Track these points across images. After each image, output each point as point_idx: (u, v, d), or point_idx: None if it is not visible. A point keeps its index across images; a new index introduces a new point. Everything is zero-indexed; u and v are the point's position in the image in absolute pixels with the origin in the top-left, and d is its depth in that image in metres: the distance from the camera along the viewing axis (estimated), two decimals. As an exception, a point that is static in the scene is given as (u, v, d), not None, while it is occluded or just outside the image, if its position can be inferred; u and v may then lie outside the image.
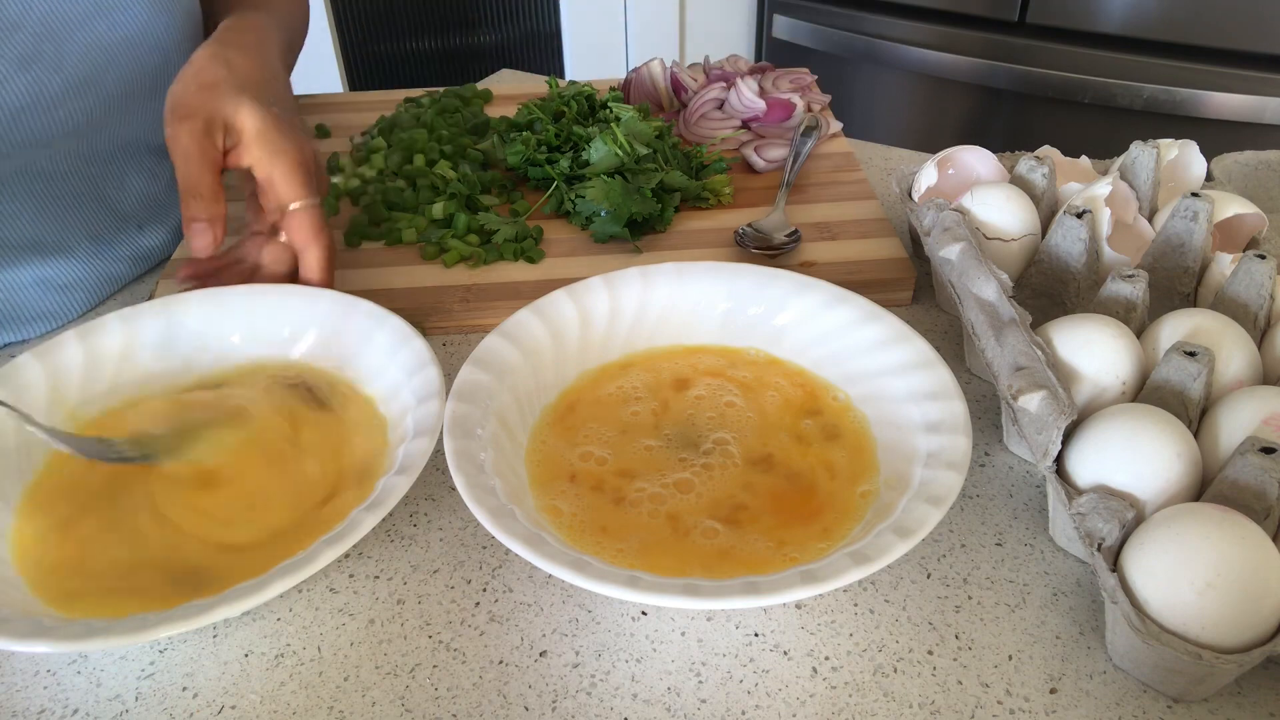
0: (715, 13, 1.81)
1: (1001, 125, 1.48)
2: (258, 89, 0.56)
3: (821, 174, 0.74)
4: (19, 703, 0.40)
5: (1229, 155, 0.67)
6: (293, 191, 0.55)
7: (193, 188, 0.53)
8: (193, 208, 0.53)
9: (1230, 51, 1.26)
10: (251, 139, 0.54)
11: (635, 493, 0.45)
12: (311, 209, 0.56)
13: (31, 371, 0.49)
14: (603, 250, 0.66)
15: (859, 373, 0.50)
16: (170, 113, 0.54)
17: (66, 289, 0.63)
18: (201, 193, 0.53)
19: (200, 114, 0.53)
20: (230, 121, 0.54)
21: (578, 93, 0.79)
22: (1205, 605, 0.36)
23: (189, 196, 0.53)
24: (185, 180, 0.53)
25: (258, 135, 0.54)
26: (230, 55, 0.56)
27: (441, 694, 0.40)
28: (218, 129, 0.54)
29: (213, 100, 0.54)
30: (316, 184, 0.57)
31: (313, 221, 0.56)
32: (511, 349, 0.49)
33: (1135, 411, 0.42)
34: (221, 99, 0.54)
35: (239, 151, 0.55)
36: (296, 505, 0.45)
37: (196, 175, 0.53)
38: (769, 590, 0.35)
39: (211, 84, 0.54)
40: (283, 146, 0.55)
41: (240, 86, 0.55)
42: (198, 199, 0.53)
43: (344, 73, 1.83)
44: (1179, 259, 0.54)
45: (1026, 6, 1.37)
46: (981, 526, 0.47)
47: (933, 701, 0.39)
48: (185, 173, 0.53)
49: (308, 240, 0.56)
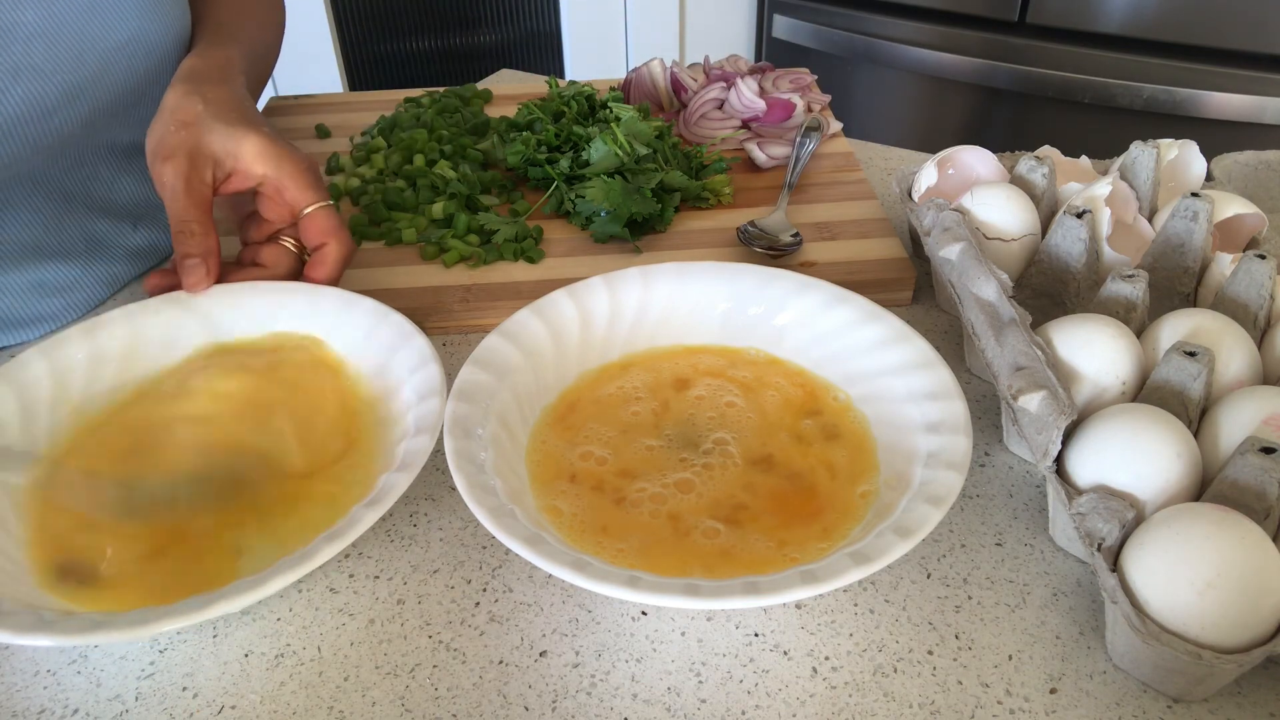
0: (715, 13, 1.81)
1: (1001, 125, 1.48)
2: (240, 114, 0.56)
3: (822, 174, 0.74)
4: (19, 703, 0.40)
5: (1229, 155, 0.67)
6: (306, 195, 0.56)
7: (184, 225, 0.53)
8: (185, 244, 0.53)
9: (1230, 51, 1.26)
10: (253, 156, 0.55)
11: (636, 493, 0.45)
12: (328, 208, 0.56)
13: (36, 368, 0.49)
14: (603, 250, 0.66)
15: (859, 373, 0.50)
16: (153, 155, 0.54)
17: (65, 291, 0.63)
18: (193, 230, 0.53)
19: (183, 151, 0.53)
20: (220, 149, 0.54)
21: (578, 93, 0.79)
22: (1205, 605, 0.36)
23: (180, 234, 0.53)
24: (175, 218, 0.53)
25: (259, 151, 0.55)
26: (203, 90, 0.56)
27: (441, 694, 0.40)
28: (205, 164, 0.54)
29: (195, 135, 0.54)
30: (324, 188, 0.57)
31: (331, 219, 0.56)
32: (512, 349, 0.49)
33: (1135, 411, 0.42)
34: (206, 132, 0.54)
35: (239, 175, 0.55)
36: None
37: (185, 212, 0.53)
38: (769, 590, 0.35)
39: (190, 120, 0.54)
40: (287, 154, 0.55)
41: (221, 116, 0.55)
42: (190, 236, 0.53)
43: (344, 73, 1.83)
44: (1179, 259, 0.54)
45: (1026, 6, 1.37)
46: (981, 526, 0.47)
47: (933, 701, 0.39)
48: (175, 210, 0.53)
49: (328, 234, 0.56)
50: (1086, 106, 1.36)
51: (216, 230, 0.55)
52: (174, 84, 0.57)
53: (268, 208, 0.57)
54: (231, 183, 0.56)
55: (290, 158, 0.55)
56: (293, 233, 0.58)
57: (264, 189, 0.56)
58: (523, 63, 1.95)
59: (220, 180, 0.55)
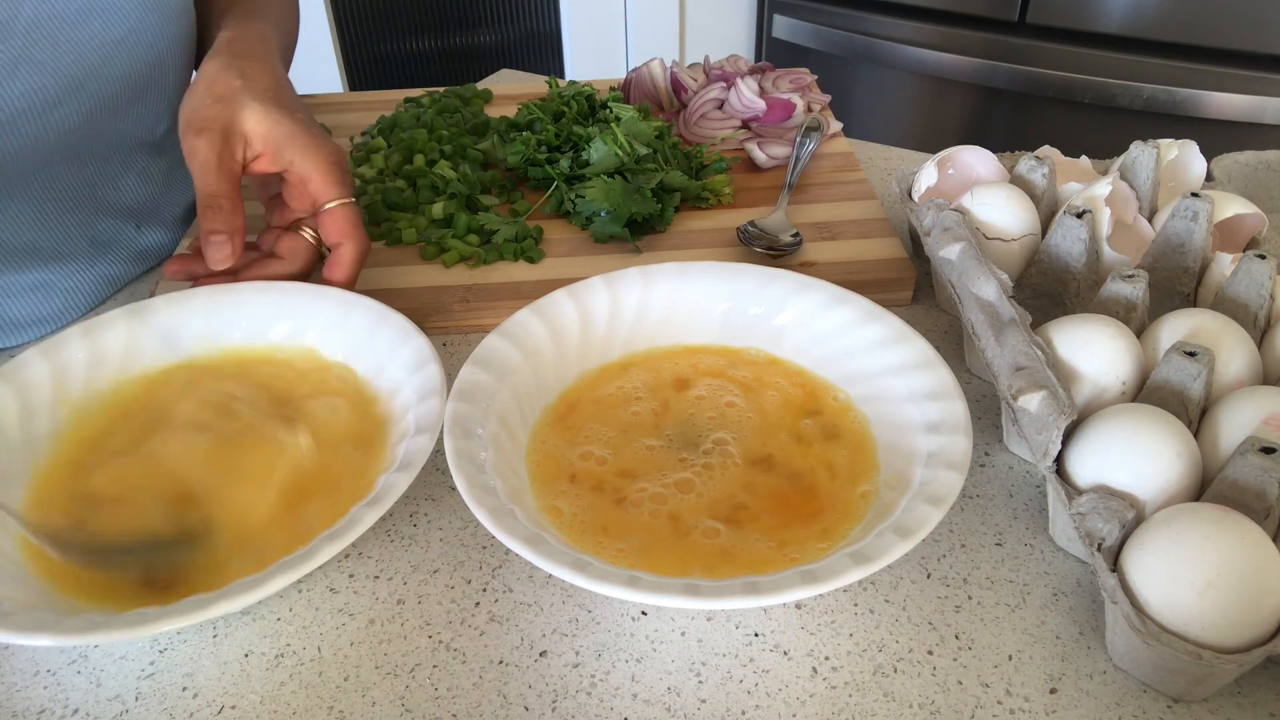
0: (715, 13, 1.81)
1: (1001, 125, 1.48)
2: (275, 95, 0.55)
3: (822, 174, 0.74)
4: (19, 703, 0.40)
5: (1229, 155, 0.67)
6: (330, 190, 0.55)
7: (212, 200, 0.52)
8: (211, 220, 0.53)
9: (1230, 51, 1.26)
10: (283, 142, 0.54)
11: (636, 493, 0.45)
12: (350, 206, 0.56)
13: (36, 368, 0.49)
14: (603, 250, 0.66)
15: (859, 373, 0.50)
16: (186, 126, 0.53)
17: (66, 292, 0.63)
18: (221, 205, 0.53)
19: (217, 125, 0.53)
20: (253, 129, 0.54)
21: (578, 93, 0.79)
22: (1205, 605, 0.36)
23: (207, 209, 0.53)
24: (204, 193, 0.53)
25: (289, 137, 0.54)
26: (243, 65, 0.56)
27: (441, 694, 0.40)
28: (237, 140, 0.54)
29: (230, 110, 0.54)
30: (349, 184, 0.57)
31: (351, 217, 0.56)
32: (512, 349, 0.49)
33: (1135, 411, 0.42)
34: (241, 108, 0.54)
35: (268, 157, 0.55)
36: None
37: (215, 187, 0.52)
38: (769, 590, 0.35)
39: (228, 95, 0.54)
40: (317, 145, 0.55)
41: (258, 94, 0.54)
42: (217, 211, 0.53)
43: (344, 73, 1.83)
44: (1179, 259, 0.54)
45: (1026, 6, 1.37)
46: (981, 526, 0.47)
47: (933, 701, 0.39)
48: (204, 185, 0.53)
49: (345, 234, 0.56)
50: (1086, 106, 1.36)
51: (243, 208, 0.54)
52: (212, 55, 0.57)
53: (292, 195, 0.57)
54: (260, 164, 0.55)
55: (320, 149, 0.55)
56: (314, 223, 0.58)
57: (289, 176, 0.56)
58: (523, 63, 1.95)
59: (250, 159, 0.55)
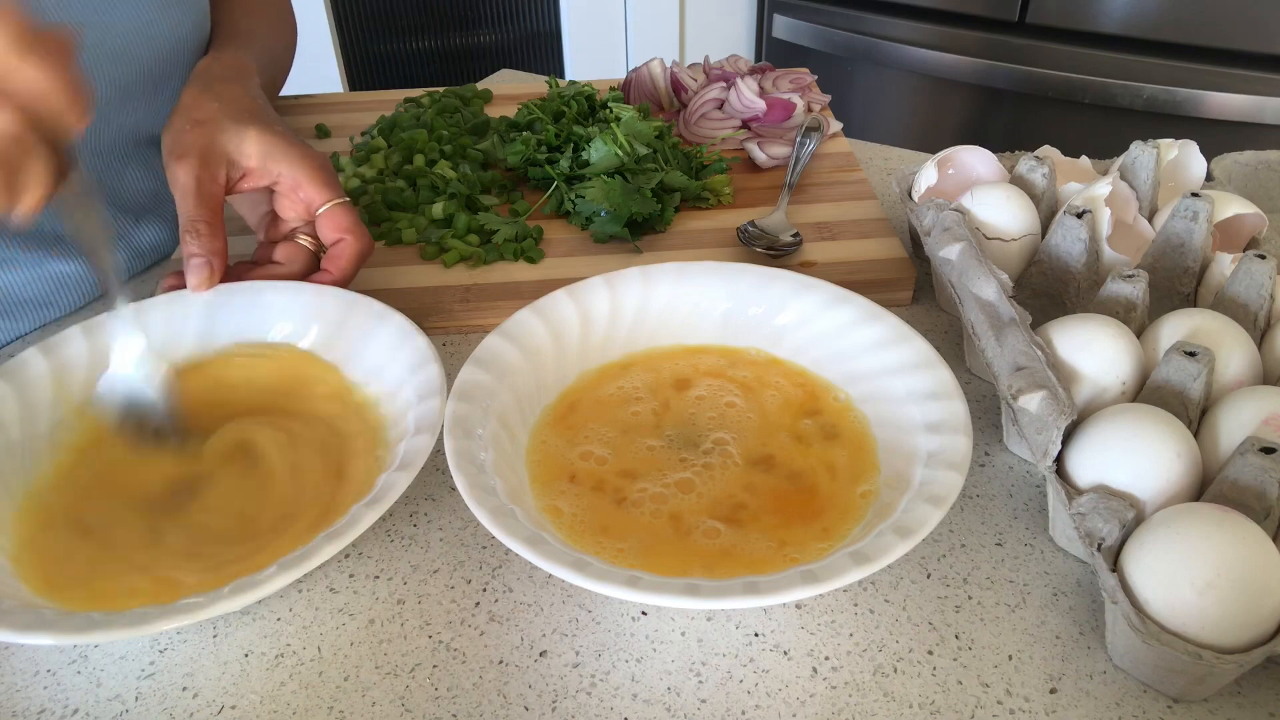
0: (715, 13, 1.81)
1: (1001, 125, 1.48)
2: (254, 114, 0.56)
3: (821, 174, 0.74)
4: (19, 703, 0.40)
5: (1229, 155, 0.67)
6: (324, 192, 0.56)
7: (191, 225, 0.53)
8: (191, 244, 0.53)
9: (1230, 51, 1.26)
10: (267, 155, 0.55)
11: (636, 493, 0.45)
12: (345, 204, 0.56)
13: (37, 366, 0.49)
14: (603, 250, 0.66)
15: (859, 373, 0.50)
16: (168, 153, 0.54)
17: (64, 280, 0.63)
18: (200, 230, 0.53)
19: (196, 150, 0.53)
20: (235, 149, 0.54)
21: (578, 93, 0.79)
22: (1205, 605, 0.36)
23: (187, 234, 0.53)
24: (184, 217, 0.53)
25: (274, 150, 0.55)
26: (218, 89, 0.56)
27: (441, 694, 0.40)
28: (219, 163, 0.54)
29: (209, 134, 0.54)
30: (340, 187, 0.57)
31: (348, 215, 0.56)
32: (512, 349, 0.49)
33: (1135, 411, 0.42)
34: (220, 131, 0.54)
35: (254, 174, 0.55)
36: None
37: (194, 212, 0.53)
38: (769, 590, 0.35)
39: (205, 119, 0.54)
40: (302, 154, 0.56)
41: (237, 115, 0.55)
42: (196, 236, 0.53)
43: (344, 73, 1.83)
44: (1179, 259, 0.54)
45: (1026, 6, 1.37)
46: (981, 526, 0.47)
47: (933, 701, 0.39)
48: (184, 209, 0.53)
49: (344, 231, 0.56)
50: (1086, 106, 1.36)
51: (225, 232, 0.54)
52: (189, 83, 0.57)
53: (284, 206, 0.57)
54: (246, 181, 0.56)
55: (305, 155, 0.56)
56: (309, 230, 0.58)
57: (279, 187, 0.56)
58: (523, 63, 1.95)
59: (235, 180, 0.55)
